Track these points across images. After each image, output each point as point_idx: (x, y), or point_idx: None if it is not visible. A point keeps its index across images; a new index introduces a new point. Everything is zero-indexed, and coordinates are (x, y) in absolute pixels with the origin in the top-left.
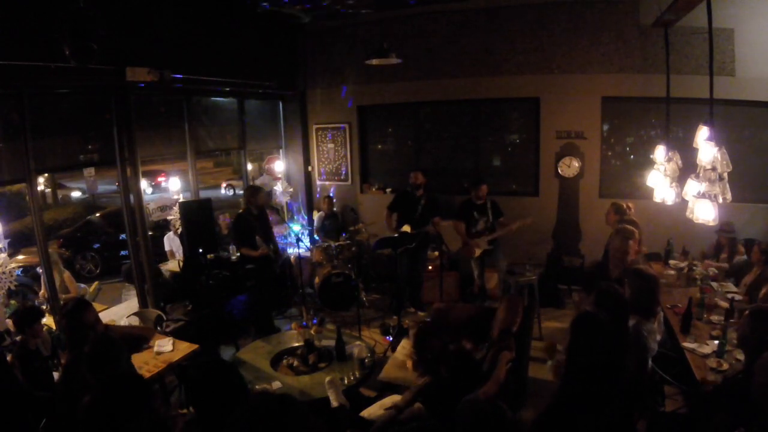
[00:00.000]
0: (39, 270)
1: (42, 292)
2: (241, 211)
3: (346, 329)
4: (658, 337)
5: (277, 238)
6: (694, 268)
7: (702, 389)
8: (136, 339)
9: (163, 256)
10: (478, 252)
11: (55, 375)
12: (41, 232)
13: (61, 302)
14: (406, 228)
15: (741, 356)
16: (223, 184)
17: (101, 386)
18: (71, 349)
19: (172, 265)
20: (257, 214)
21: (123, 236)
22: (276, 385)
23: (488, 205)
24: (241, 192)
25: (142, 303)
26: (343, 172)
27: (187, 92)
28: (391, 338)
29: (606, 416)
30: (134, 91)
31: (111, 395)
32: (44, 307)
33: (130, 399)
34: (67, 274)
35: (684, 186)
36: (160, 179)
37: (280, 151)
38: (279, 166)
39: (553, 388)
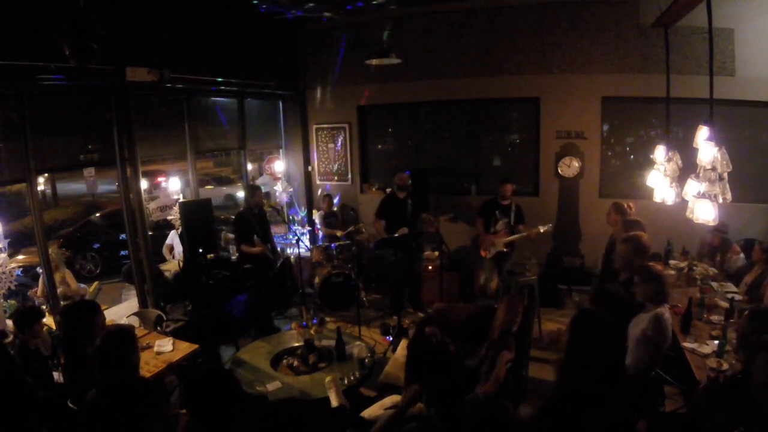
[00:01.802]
0: (39, 270)
1: (39, 290)
2: (241, 209)
3: (346, 329)
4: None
5: (276, 239)
6: (694, 268)
7: (698, 392)
8: None
9: (164, 256)
10: (493, 251)
11: (55, 375)
12: (41, 232)
13: (62, 302)
14: (402, 231)
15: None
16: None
17: (108, 390)
18: (70, 350)
19: (172, 265)
20: (257, 213)
21: (123, 236)
22: (276, 385)
23: (512, 208)
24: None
25: (142, 303)
26: (342, 172)
27: (187, 92)
28: (391, 338)
29: (604, 416)
30: (134, 91)
31: (119, 400)
32: (44, 307)
33: (138, 405)
34: (68, 272)
35: (684, 186)
36: (160, 179)
37: (280, 151)
38: (279, 166)
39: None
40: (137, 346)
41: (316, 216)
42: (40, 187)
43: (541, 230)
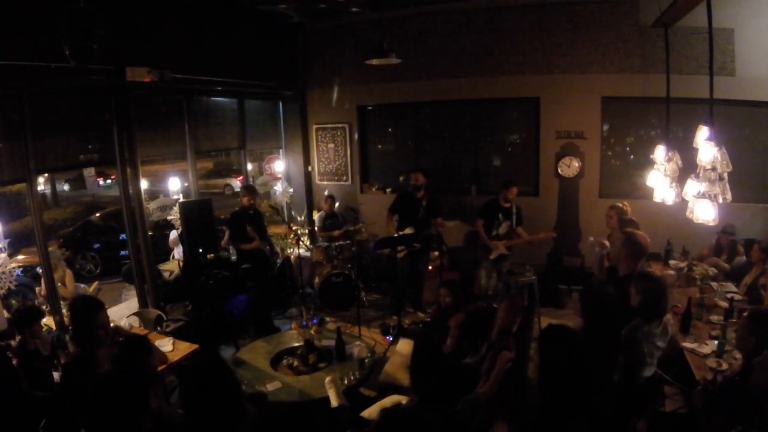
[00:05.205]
0: (39, 270)
1: (43, 290)
2: (237, 209)
3: (346, 329)
4: (659, 343)
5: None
6: (694, 268)
7: (695, 394)
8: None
9: (163, 256)
10: (495, 255)
11: (55, 375)
12: (41, 232)
13: (62, 300)
14: (409, 230)
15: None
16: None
17: (102, 385)
18: (77, 346)
19: (172, 265)
20: (252, 213)
21: (123, 236)
22: (276, 385)
23: (513, 210)
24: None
25: (142, 303)
26: (342, 172)
27: (187, 92)
28: (391, 338)
29: (588, 424)
30: (134, 91)
31: (110, 392)
32: (44, 307)
33: (128, 396)
34: (69, 272)
35: (684, 186)
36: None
37: (280, 151)
38: (279, 166)
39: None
40: (153, 352)
41: (316, 217)
42: (40, 187)
43: (540, 237)
